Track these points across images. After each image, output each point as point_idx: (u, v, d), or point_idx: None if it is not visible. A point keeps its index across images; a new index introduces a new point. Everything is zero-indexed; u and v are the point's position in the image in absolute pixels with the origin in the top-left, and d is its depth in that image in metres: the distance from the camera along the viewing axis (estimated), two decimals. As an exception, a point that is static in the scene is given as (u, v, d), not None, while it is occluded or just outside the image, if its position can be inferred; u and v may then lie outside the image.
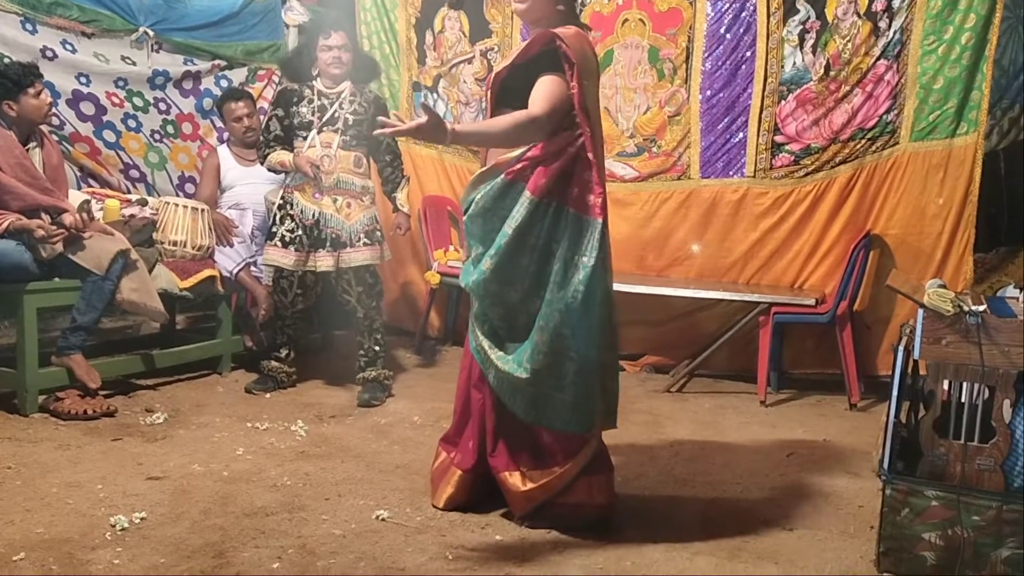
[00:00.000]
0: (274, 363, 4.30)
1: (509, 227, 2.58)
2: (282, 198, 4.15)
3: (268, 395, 4.18)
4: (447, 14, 5.38)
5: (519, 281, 2.61)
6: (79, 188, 4.47)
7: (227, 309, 4.55)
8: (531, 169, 2.60)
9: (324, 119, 4.06)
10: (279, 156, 4.11)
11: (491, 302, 2.67)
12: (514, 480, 2.70)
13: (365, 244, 4.12)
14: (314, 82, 4.14)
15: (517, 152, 2.63)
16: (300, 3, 5.75)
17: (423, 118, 2.40)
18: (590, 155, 2.55)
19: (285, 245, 4.08)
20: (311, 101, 4.09)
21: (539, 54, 2.58)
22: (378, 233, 4.19)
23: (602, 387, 2.70)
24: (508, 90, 2.69)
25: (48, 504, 2.75)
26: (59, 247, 3.68)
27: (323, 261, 4.08)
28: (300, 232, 4.07)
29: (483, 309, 2.71)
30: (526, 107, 2.55)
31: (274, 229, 4.13)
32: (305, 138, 4.08)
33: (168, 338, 4.73)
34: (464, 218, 2.73)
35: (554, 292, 2.57)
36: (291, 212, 4.10)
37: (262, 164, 4.29)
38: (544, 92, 2.54)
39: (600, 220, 2.56)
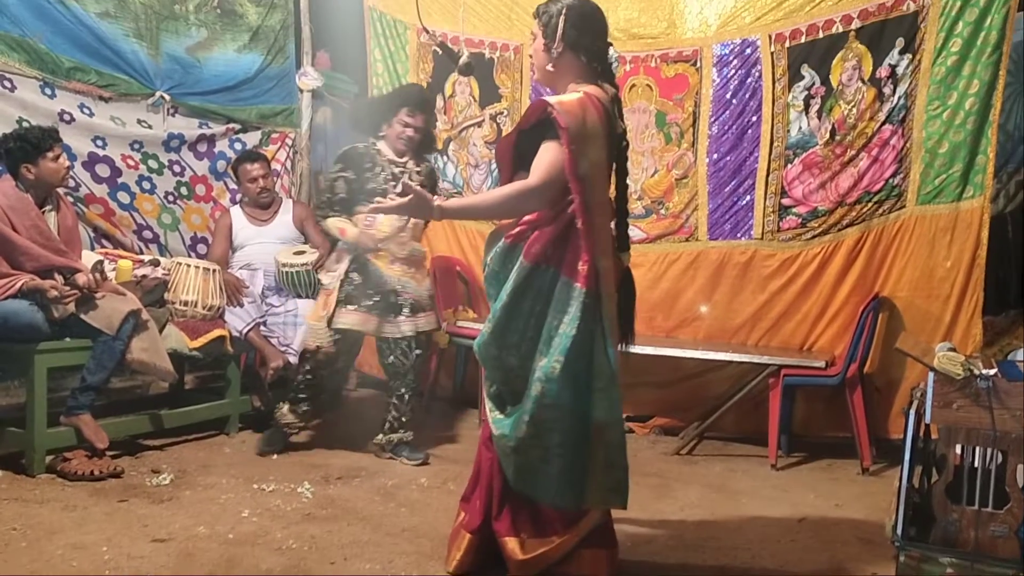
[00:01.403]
0: (290, 416, 4.25)
1: (505, 292, 2.60)
2: (352, 262, 4.09)
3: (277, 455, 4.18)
4: (457, 79, 5.48)
5: (516, 346, 2.61)
6: (92, 249, 4.52)
7: (236, 369, 4.55)
8: (529, 232, 2.61)
9: (397, 190, 4.04)
10: (339, 224, 4.11)
11: (492, 365, 2.70)
12: (513, 546, 2.68)
13: (430, 309, 4.21)
14: (378, 145, 4.16)
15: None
16: (314, 69, 5.88)
17: (404, 197, 2.57)
18: (579, 222, 2.52)
19: (364, 310, 4.05)
20: (383, 169, 4.11)
21: (538, 122, 2.59)
22: (434, 299, 4.30)
23: (601, 462, 2.61)
24: (522, 155, 2.69)
25: (53, 566, 2.73)
26: (71, 307, 3.71)
27: (404, 327, 4.09)
28: (379, 298, 4.06)
29: (488, 371, 2.76)
30: None
31: (351, 294, 4.07)
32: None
33: (176, 398, 4.72)
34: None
35: (538, 360, 2.56)
36: (367, 278, 4.07)
37: (319, 222, 4.28)
38: (541, 161, 2.54)
39: (583, 288, 2.51)
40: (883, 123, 4.52)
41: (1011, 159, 5.40)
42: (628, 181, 2.78)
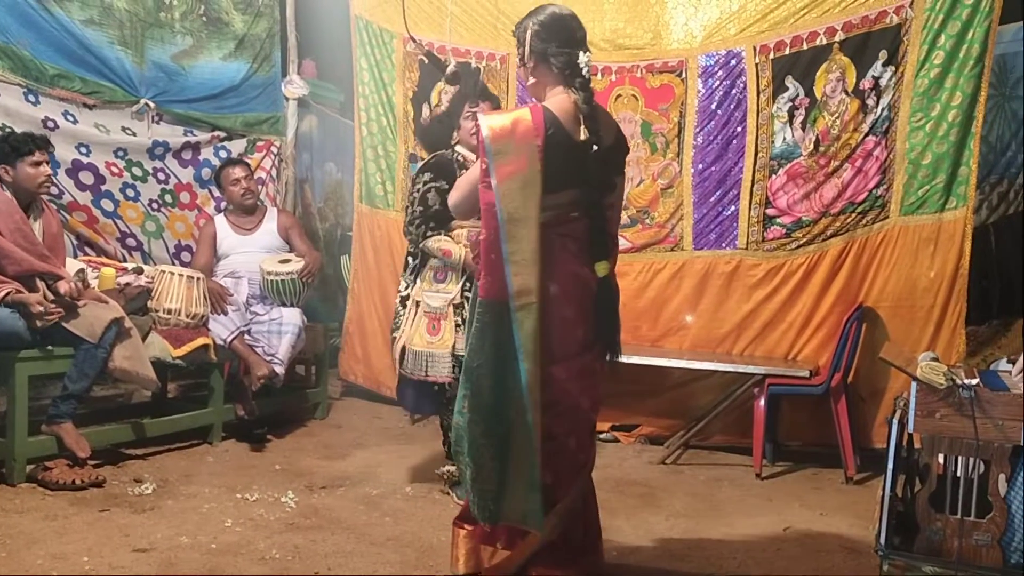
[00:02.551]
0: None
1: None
2: (468, 280, 3.70)
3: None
4: (444, 88, 5.48)
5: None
6: (76, 256, 4.49)
7: (219, 378, 4.53)
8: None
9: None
10: (442, 244, 3.71)
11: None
12: (484, 554, 2.72)
13: None
14: (457, 149, 3.85)
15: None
16: (300, 77, 5.87)
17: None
18: (482, 233, 2.51)
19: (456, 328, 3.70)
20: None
21: None
22: None
23: (519, 480, 2.50)
24: None
25: (32, 577, 2.70)
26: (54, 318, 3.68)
27: (461, 342, 3.64)
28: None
29: None
30: None
31: (464, 317, 3.66)
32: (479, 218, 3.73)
33: (159, 406, 4.69)
34: None
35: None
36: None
37: (416, 241, 3.80)
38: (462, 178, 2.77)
39: (482, 297, 2.49)
40: (867, 134, 4.55)
41: (993, 170, 5.44)
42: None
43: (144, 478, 3.79)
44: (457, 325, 3.70)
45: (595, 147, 2.58)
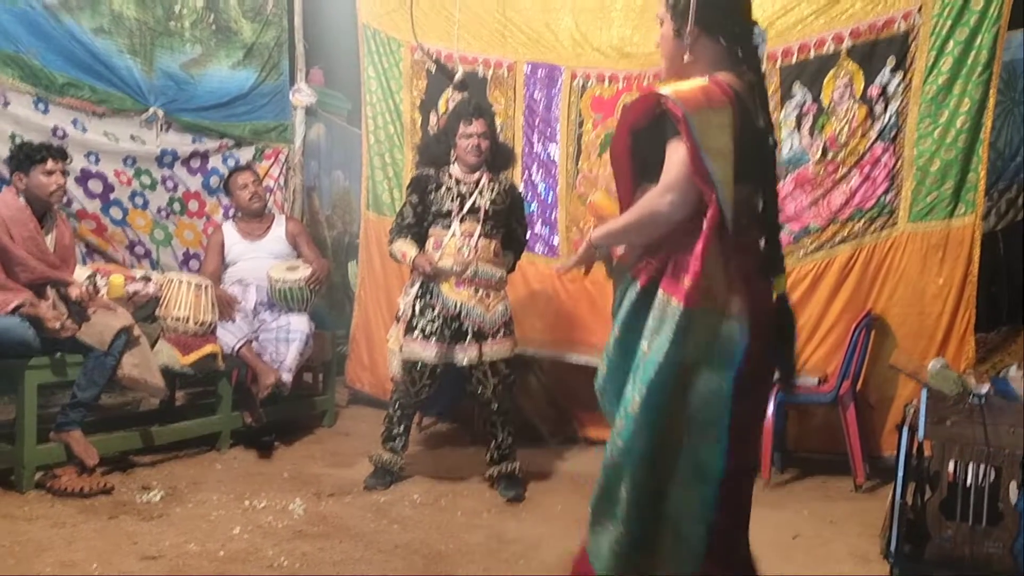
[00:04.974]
0: (387, 455, 4.06)
1: (616, 323, 2.18)
2: (420, 288, 3.97)
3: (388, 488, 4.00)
4: (451, 96, 5.49)
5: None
6: (84, 264, 4.51)
7: (227, 385, 4.53)
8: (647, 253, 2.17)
9: (465, 208, 3.95)
10: (402, 247, 3.98)
11: (608, 411, 2.22)
12: None
13: (504, 336, 4.00)
14: (450, 168, 4.04)
15: None
16: (307, 85, 5.89)
17: (579, 252, 2.31)
18: (705, 226, 2.00)
19: (426, 337, 3.90)
20: (449, 189, 3.97)
21: (656, 121, 2.10)
22: (512, 324, 4.09)
23: (669, 533, 2.08)
24: (645, 162, 2.19)
25: (40, 584, 2.70)
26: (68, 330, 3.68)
27: (465, 354, 3.91)
28: (440, 324, 3.90)
29: (607, 416, 2.24)
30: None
31: (413, 321, 3.94)
32: (447, 227, 3.95)
33: (167, 414, 4.70)
34: None
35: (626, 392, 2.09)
36: (431, 303, 3.92)
37: (389, 246, 4.10)
38: (668, 165, 2.05)
39: (681, 305, 1.99)
40: (874, 141, 4.54)
41: (1002, 177, 5.44)
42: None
43: (152, 486, 3.80)
44: (410, 326, 3.94)
45: (772, 139, 2.22)
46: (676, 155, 2.02)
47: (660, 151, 2.07)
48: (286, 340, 4.63)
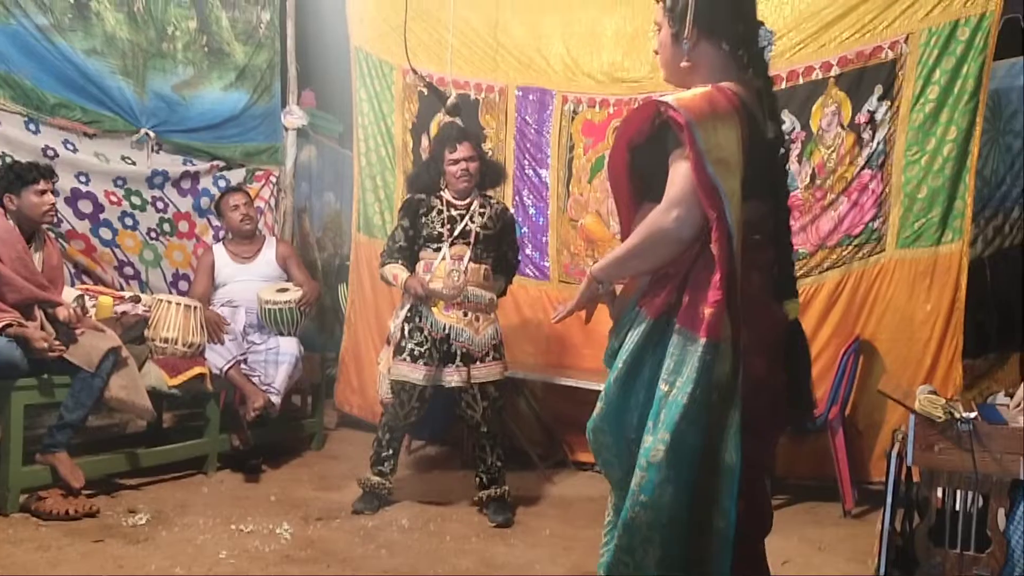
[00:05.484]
0: (376, 478, 4.05)
1: (620, 359, 2.01)
2: (410, 310, 3.98)
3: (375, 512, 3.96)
4: (443, 119, 5.52)
5: (636, 429, 1.97)
6: (73, 285, 4.49)
7: (215, 407, 4.50)
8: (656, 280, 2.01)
9: (455, 232, 3.98)
10: (393, 270, 3.99)
11: (605, 457, 2.08)
12: None
13: (493, 359, 4.00)
14: (442, 192, 4.06)
15: None
16: (299, 107, 5.91)
17: (580, 291, 2.12)
18: (714, 247, 1.85)
19: (414, 360, 3.91)
20: (440, 212, 4.00)
21: (657, 133, 1.98)
22: (502, 347, 4.10)
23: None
24: (646, 179, 2.05)
25: (24, 608, 2.67)
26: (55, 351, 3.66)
27: (453, 377, 3.93)
28: (429, 346, 3.92)
29: (600, 464, 2.13)
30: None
31: (402, 343, 3.95)
32: (437, 250, 3.97)
33: (154, 436, 4.66)
34: None
35: (644, 440, 1.91)
36: (420, 325, 3.93)
37: (380, 269, 4.11)
38: (672, 180, 1.91)
39: (704, 339, 1.84)
40: (862, 168, 4.58)
41: (988, 204, 5.48)
42: (612, 221, 2.22)
43: (138, 508, 3.77)
44: (400, 348, 3.94)
45: (783, 150, 2.09)
46: (680, 168, 1.88)
47: (662, 166, 1.94)
48: (275, 362, 4.62)
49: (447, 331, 3.92)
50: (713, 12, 1.99)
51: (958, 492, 2.64)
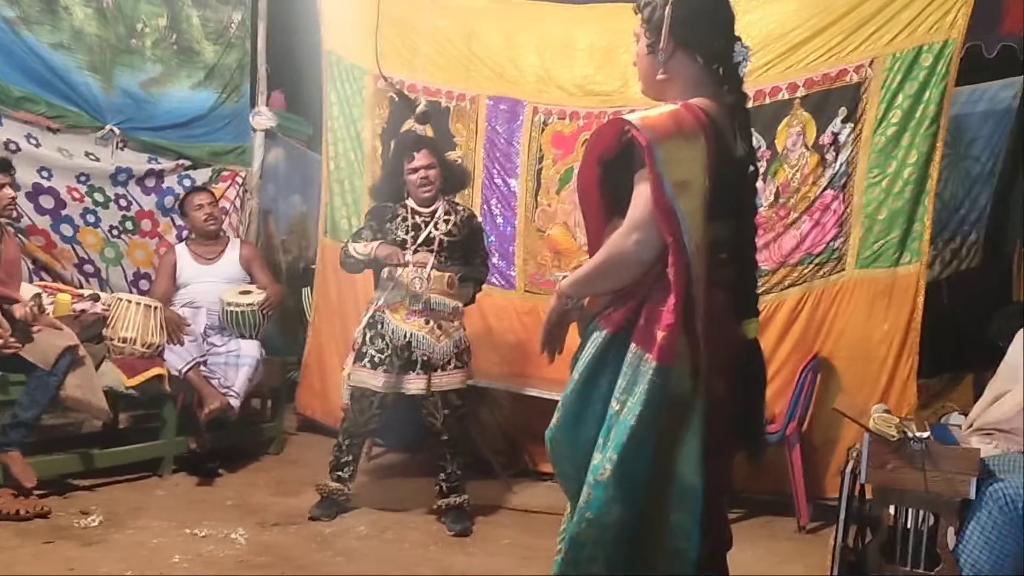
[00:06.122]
0: (334, 484, 4.02)
1: (577, 370, 1.99)
2: (372, 317, 3.98)
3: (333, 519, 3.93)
4: (412, 126, 5.52)
5: (592, 442, 1.93)
6: (31, 281, 4.42)
7: (172, 409, 4.45)
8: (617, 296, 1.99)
9: (419, 239, 3.96)
10: (362, 247, 3.95)
11: (561, 468, 2.04)
12: None
13: (456, 367, 3.99)
14: (407, 200, 4.06)
15: None
16: (268, 109, 5.88)
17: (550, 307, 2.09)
18: (670, 270, 1.84)
19: (374, 366, 3.90)
20: (405, 219, 4.00)
21: (625, 150, 1.96)
22: (466, 355, 4.08)
23: None
24: (616, 196, 2.02)
25: (-30, 610, 2.62)
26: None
27: (413, 384, 3.92)
28: (390, 353, 3.91)
29: (558, 474, 2.09)
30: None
31: (363, 349, 3.94)
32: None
33: (109, 437, 4.60)
34: None
35: (595, 456, 1.90)
36: (381, 332, 3.92)
37: (345, 252, 4.06)
38: (635, 200, 1.90)
39: (654, 362, 1.83)
40: (825, 188, 4.64)
41: (946, 227, 5.59)
42: (579, 233, 2.23)
43: (91, 510, 3.71)
44: (360, 354, 3.93)
45: (752, 168, 2.08)
46: (641, 189, 1.88)
47: (630, 183, 1.92)
48: (236, 365, 4.58)
49: (408, 338, 3.91)
50: (690, 25, 1.99)
51: (909, 510, 2.69)
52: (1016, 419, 3.14)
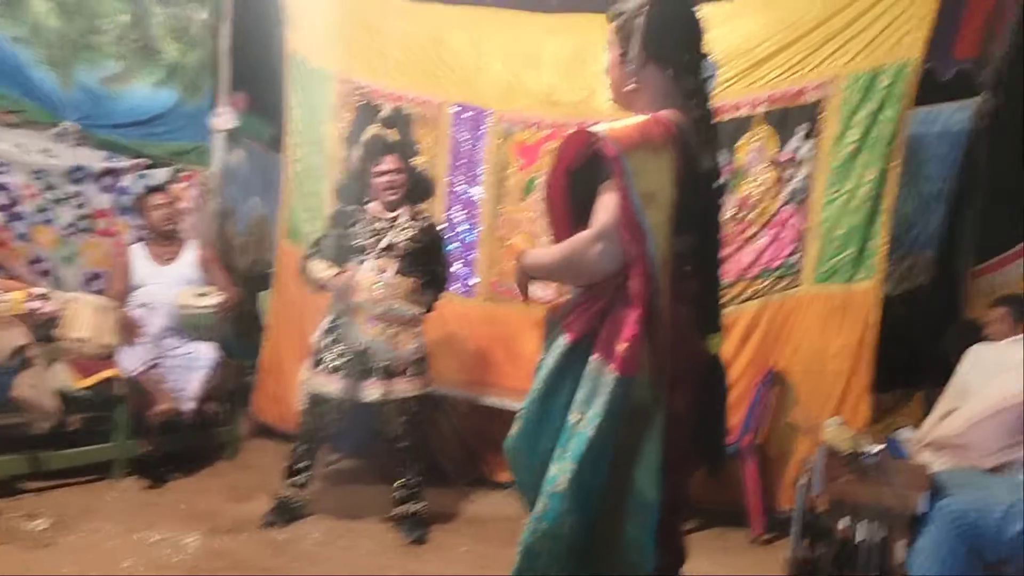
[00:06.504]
0: (290, 490, 3.99)
1: (539, 378, 1.99)
2: (331, 322, 3.95)
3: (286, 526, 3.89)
4: (377, 131, 5.48)
5: (551, 452, 1.92)
6: (-18, 278, 4.33)
7: (124, 411, 4.38)
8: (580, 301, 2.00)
9: (381, 245, 3.94)
10: (321, 269, 3.96)
11: (521, 475, 2.05)
12: None
13: (414, 374, 3.96)
14: (369, 205, 4.06)
15: None
16: (230, 109, 5.82)
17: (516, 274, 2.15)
18: (632, 282, 1.87)
19: (332, 372, 3.87)
20: (366, 224, 3.98)
21: (592, 159, 1.96)
22: (425, 363, 4.06)
23: None
24: (583, 205, 2.00)
25: (-90, 615, 2.55)
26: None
27: (372, 391, 3.87)
28: (348, 359, 3.87)
29: (518, 482, 2.09)
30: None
31: (321, 355, 3.91)
32: (361, 263, 3.93)
33: (59, 439, 4.49)
34: None
35: (551, 467, 1.90)
36: (340, 338, 3.90)
37: (303, 268, 4.08)
38: (599, 207, 1.92)
39: (616, 374, 1.84)
40: (784, 203, 4.71)
41: (900, 245, 5.69)
42: (543, 242, 2.30)
43: (40, 513, 3.64)
44: (319, 360, 3.90)
45: (718, 182, 2.11)
46: (608, 199, 1.88)
47: (596, 193, 1.93)
48: (191, 368, 4.52)
49: (367, 345, 3.89)
50: (661, 37, 2.01)
51: (862, 523, 2.73)
52: (966, 435, 3.21)
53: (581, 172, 2.01)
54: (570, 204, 2.07)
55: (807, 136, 4.64)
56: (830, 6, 4.57)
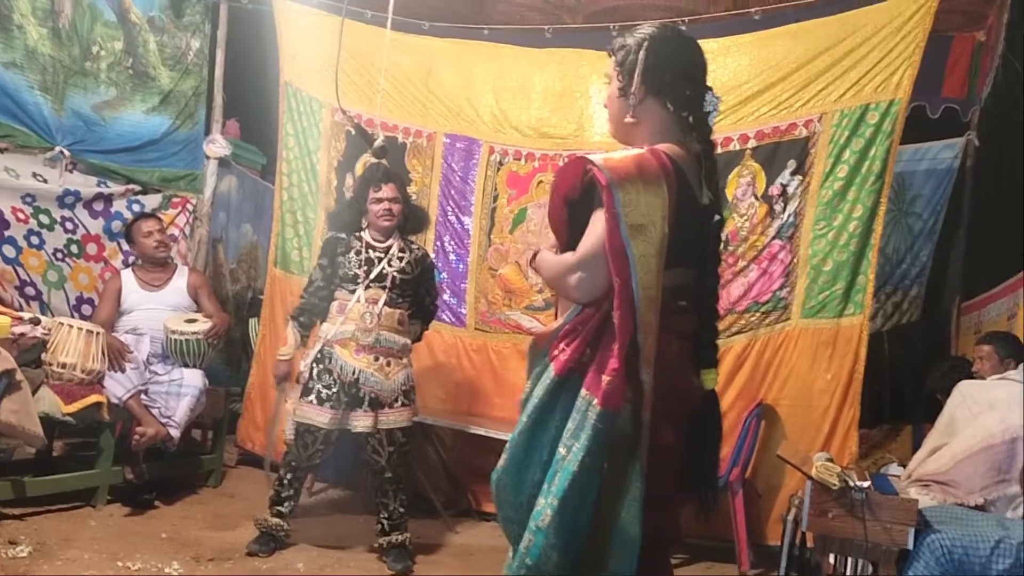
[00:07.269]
0: (274, 519, 3.94)
1: (525, 413, 1.96)
2: (320, 352, 3.91)
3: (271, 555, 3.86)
4: (369, 160, 5.51)
5: (537, 485, 1.91)
6: (-31, 302, 4.31)
7: (110, 438, 4.33)
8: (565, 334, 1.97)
9: (372, 275, 3.94)
10: (289, 332, 4.03)
11: (506, 510, 2.00)
12: None
13: (403, 405, 3.95)
14: (362, 233, 4.04)
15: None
16: (223, 137, 5.84)
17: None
18: (615, 314, 1.83)
19: (321, 402, 3.84)
20: (359, 253, 3.96)
21: (589, 189, 1.96)
22: (413, 393, 4.05)
23: None
24: (581, 230, 1.99)
25: None
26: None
27: (360, 421, 3.85)
28: (337, 389, 3.85)
29: (501, 516, 2.04)
30: None
31: (310, 384, 3.88)
32: (352, 291, 3.92)
33: (42, 465, 4.46)
34: None
35: (539, 501, 1.87)
36: (329, 367, 3.87)
37: (289, 322, 4.08)
38: (586, 235, 1.93)
39: (600, 407, 1.81)
40: (773, 238, 4.73)
41: (889, 281, 5.72)
42: (530, 272, 2.26)
43: (20, 540, 3.58)
44: (307, 389, 3.89)
45: (717, 216, 2.08)
46: (595, 227, 1.88)
47: (586, 216, 1.93)
48: (177, 394, 4.49)
49: (356, 375, 3.86)
50: (661, 72, 2.00)
51: (849, 558, 2.72)
52: (952, 471, 3.21)
53: (579, 202, 2.01)
54: (571, 233, 2.04)
55: (796, 171, 4.68)
56: (817, 44, 4.63)
